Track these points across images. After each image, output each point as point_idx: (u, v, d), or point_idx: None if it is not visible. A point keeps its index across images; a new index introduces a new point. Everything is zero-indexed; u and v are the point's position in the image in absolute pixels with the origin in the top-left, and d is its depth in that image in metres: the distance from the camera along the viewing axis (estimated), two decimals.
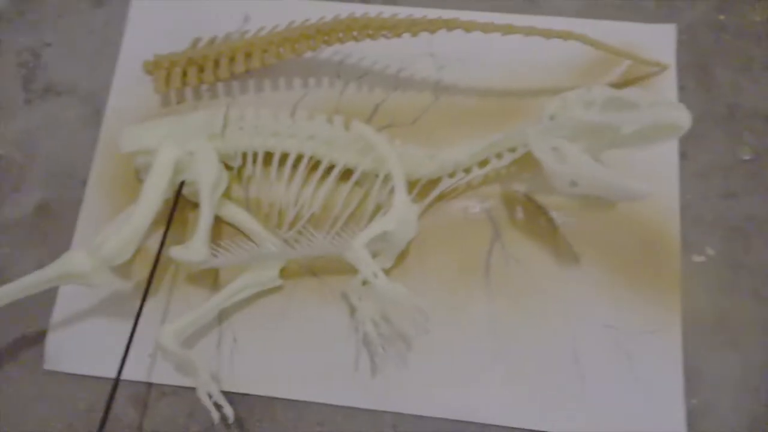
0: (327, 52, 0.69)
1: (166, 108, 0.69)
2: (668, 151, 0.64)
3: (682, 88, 0.67)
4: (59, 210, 0.66)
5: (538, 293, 0.61)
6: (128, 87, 0.69)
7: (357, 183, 0.62)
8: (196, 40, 0.68)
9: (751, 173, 0.64)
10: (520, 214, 0.63)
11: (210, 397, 0.53)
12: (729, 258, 0.61)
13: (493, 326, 0.60)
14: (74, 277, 0.51)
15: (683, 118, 0.49)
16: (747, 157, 0.64)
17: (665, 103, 0.50)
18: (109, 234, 0.53)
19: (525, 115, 0.66)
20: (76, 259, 0.51)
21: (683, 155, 0.65)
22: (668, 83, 0.67)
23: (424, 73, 0.69)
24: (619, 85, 0.67)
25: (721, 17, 0.70)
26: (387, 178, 0.57)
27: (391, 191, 0.57)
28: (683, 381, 0.58)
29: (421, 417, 0.58)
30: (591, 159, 0.51)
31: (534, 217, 0.63)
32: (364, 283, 0.56)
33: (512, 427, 0.57)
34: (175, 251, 0.56)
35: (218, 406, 0.53)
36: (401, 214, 0.54)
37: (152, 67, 0.68)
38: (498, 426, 0.57)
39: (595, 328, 0.60)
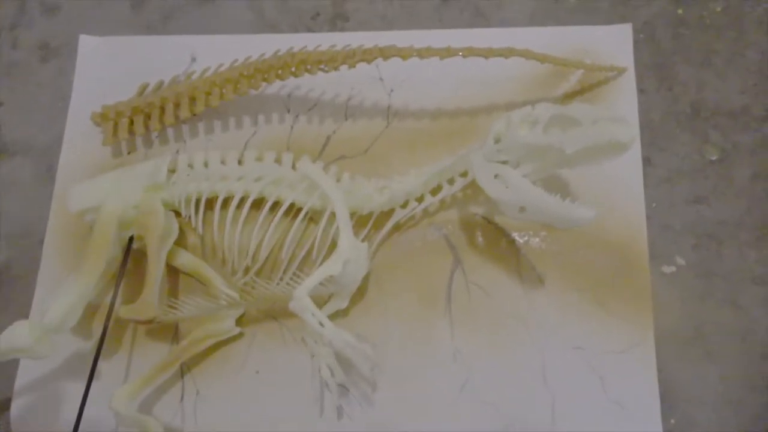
0: (275, 87, 0.68)
1: (117, 159, 0.68)
2: (631, 158, 0.62)
3: (641, 91, 0.64)
4: (20, 271, 0.65)
5: (502, 319, 0.59)
6: (79, 141, 0.69)
7: (313, 221, 0.61)
8: (144, 87, 0.68)
9: (720, 175, 0.61)
10: (479, 238, 0.61)
11: None
12: (701, 266, 0.59)
13: (458, 356, 0.58)
14: (18, 351, 0.51)
15: (625, 134, 0.47)
16: (714, 158, 0.61)
17: (607, 119, 0.48)
18: (51, 302, 0.52)
19: (479, 134, 0.64)
20: (17, 333, 0.51)
21: (647, 161, 0.62)
22: (627, 85, 0.64)
23: (374, 99, 0.67)
24: (574, 93, 0.64)
25: (679, 11, 0.66)
26: (334, 215, 0.56)
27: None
28: (660, 400, 0.55)
29: None
30: (531, 185, 0.49)
31: (495, 240, 0.61)
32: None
33: None
34: (124, 311, 0.55)
35: None
36: (347, 256, 0.53)
37: (100, 119, 0.67)
38: None
39: (564, 351, 0.58)
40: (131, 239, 0.59)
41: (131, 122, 0.66)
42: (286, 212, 0.59)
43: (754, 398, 0.55)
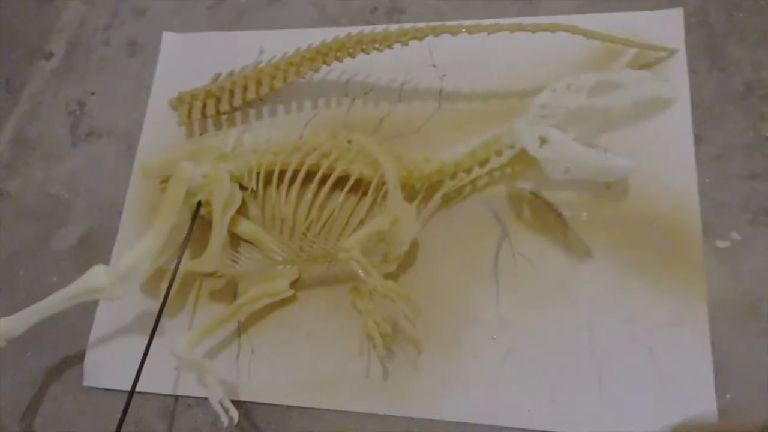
0: (335, 73, 0.73)
1: (190, 140, 0.74)
2: (681, 136, 0.62)
3: (693, 71, 0.64)
4: (100, 239, 0.72)
5: (549, 290, 0.59)
6: (158, 124, 0.76)
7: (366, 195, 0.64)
8: (217, 75, 0.74)
9: None
10: (527, 212, 0.62)
11: (221, 403, 0.55)
12: (757, 241, 0.57)
13: (504, 326, 0.59)
14: (94, 291, 0.56)
15: (666, 90, 0.48)
16: None
17: (648, 79, 0.49)
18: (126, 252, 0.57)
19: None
20: (95, 274, 0.56)
21: (698, 139, 0.61)
22: (678, 67, 0.65)
23: (427, 84, 0.70)
24: None
25: None
26: (382, 180, 0.59)
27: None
28: (713, 375, 0.54)
29: (432, 421, 0.57)
30: (572, 141, 0.50)
31: (542, 214, 0.62)
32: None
33: (527, 429, 0.55)
34: (190, 264, 0.60)
35: (226, 410, 0.55)
36: (395, 213, 0.55)
37: (176, 103, 0.74)
38: (512, 428, 0.55)
39: (613, 323, 0.57)
40: (199, 204, 0.64)
41: (204, 105, 0.72)
42: (343, 184, 0.62)
43: None
